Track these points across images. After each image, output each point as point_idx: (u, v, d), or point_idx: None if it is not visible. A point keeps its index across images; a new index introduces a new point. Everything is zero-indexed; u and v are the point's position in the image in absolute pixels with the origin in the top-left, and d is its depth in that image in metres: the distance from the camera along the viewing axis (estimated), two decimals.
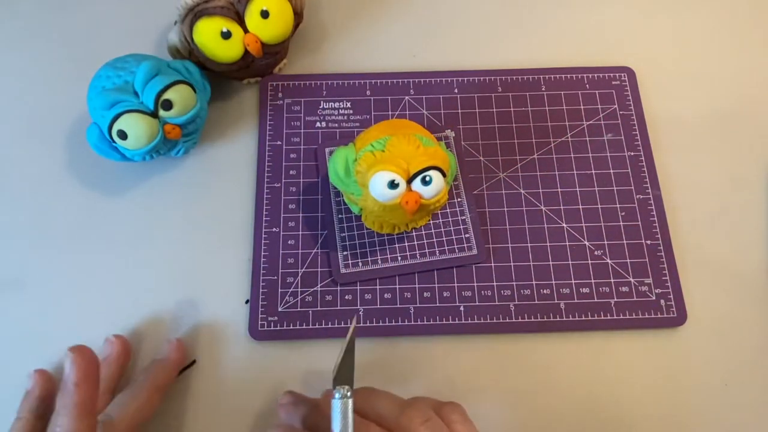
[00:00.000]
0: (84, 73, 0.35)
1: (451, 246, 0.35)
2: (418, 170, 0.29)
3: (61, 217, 0.36)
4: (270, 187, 0.36)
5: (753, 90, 0.40)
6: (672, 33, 0.41)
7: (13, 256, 0.35)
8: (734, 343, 0.33)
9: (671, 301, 0.34)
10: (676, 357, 0.33)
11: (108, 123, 0.32)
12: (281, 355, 0.33)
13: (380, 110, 0.38)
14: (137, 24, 0.41)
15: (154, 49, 0.40)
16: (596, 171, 0.37)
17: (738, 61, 0.40)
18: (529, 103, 0.38)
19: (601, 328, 0.33)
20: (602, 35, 0.41)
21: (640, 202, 0.36)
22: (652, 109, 0.39)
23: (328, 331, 0.33)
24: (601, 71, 0.39)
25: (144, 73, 0.32)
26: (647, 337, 0.33)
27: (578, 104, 0.38)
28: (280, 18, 0.35)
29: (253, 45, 0.35)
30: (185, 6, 0.33)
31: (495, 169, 0.37)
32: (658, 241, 0.35)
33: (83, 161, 0.37)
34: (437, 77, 0.39)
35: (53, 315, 0.33)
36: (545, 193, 0.36)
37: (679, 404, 0.32)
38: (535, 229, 0.35)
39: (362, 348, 0.33)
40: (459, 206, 0.36)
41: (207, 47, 0.34)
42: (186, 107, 0.33)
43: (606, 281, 0.34)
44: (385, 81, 0.39)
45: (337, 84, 0.39)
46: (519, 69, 0.39)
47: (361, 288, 0.34)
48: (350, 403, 0.24)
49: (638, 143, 0.37)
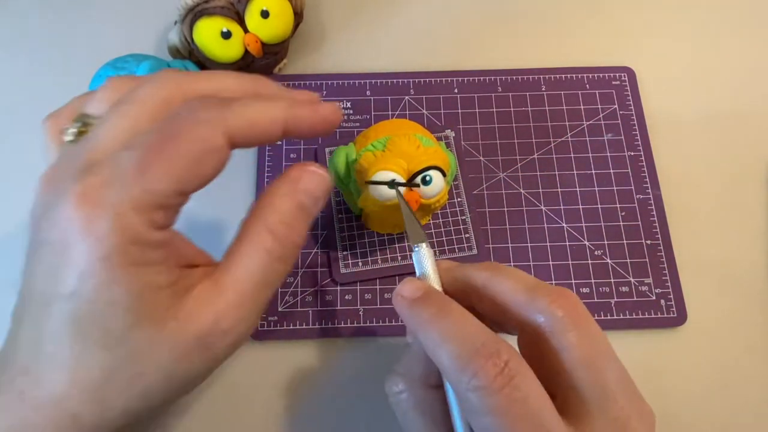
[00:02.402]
0: (84, 73, 0.35)
1: (451, 246, 0.35)
2: (418, 170, 0.29)
3: None
4: None
5: (753, 90, 0.40)
6: (672, 33, 0.41)
7: (13, 256, 0.35)
8: (734, 343, 0.33)
9: (671, 301, 0.34)
10: (676, 357, 0.33)
11: None
12: (281, 355, 0.33)
13: (380, 110, 0.38)
14: (137, 24, 0.41)
15: (154, 49, 0.40)
16: (596, 171, 0.37)
17: (738, 61, 0.40)
18: (529, 103, 0.38)
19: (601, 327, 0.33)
20: (602, 35, 0.41)
21: (640, 202, 0.36)
22: (652, 109, 0.39)
23: (328, 331, 0.33)
24: (601, 71, 0.39)
25: (144, 73, 0.32)
26: (647, 337, 0.33)
27: (578, 104, 0.38)
28: (280, 18, 0.35)
29: (253, 45, 0.35)
30: (185, 6, 0.33)
31: (495, 169, 0.37)
32: (658, 241, 0.35)
33: None
34: (437, 77, 0.39)
35: None
36: (545, 193, 0.36)
37: (678, 404, 0.32)
38: (535, 229, 0.35)
39: (362, 348, 0.33)
40: (459, 206, 0.36)
41: (207, 47, 0.34)
42: None
43: (606, 281, 0.34)
44: (385, 81, 0.39)
45: (337, 84, 0.39)
46: (519, 69, 0.39)
47: (361, 288, 0.34)
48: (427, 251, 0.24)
49: (638, 143, 0.37)
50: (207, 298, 0.21)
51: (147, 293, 0.20)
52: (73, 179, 0.19)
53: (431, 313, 0.21)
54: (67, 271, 0.19)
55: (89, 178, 0.19)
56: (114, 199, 0.19)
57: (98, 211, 0.19)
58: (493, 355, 0.19)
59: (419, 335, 0.21)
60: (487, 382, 0.19)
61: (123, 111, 0.21)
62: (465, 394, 0.20)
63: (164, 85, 0.21)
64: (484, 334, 0.20)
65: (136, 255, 0.19)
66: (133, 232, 0.19)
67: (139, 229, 0.19)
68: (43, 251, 0.20)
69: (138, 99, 0.21)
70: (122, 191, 0.19)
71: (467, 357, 0.20)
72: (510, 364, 0.19)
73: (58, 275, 0.19)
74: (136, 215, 0.19)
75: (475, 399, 0.19)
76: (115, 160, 0.19)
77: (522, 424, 0.19)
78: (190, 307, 0.20)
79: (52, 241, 0.20)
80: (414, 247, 0.24)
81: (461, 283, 0.24)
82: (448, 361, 0.20)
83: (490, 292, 0.23)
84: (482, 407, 0.19)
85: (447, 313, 0.21)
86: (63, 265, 0.19)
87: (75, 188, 0.19)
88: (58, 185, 0.20)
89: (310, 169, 0.23)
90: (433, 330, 0.21)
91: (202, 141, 0.20)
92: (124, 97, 0.22)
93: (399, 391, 0.23)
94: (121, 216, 0.19)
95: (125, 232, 0.19)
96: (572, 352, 0.21)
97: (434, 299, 0.22)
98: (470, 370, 0.19)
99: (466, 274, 0.23)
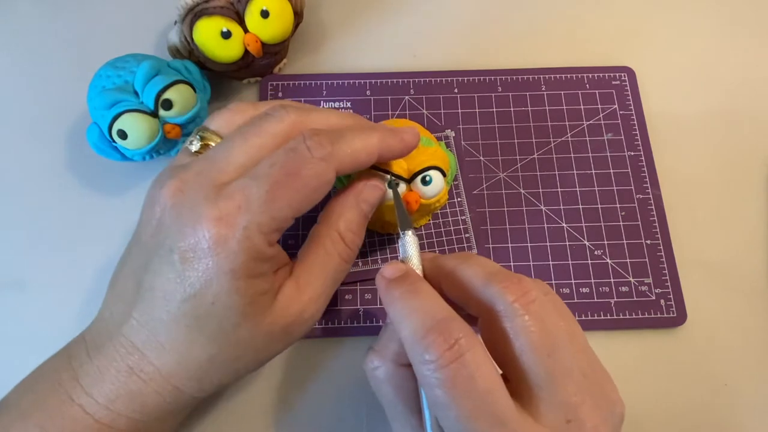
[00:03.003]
0: (84, 73, 0.35)
1: (451, 246, 0.35)
2: (417, 170, 0.29)
3: (61, 217, 0.36)
4: None
5: (753, 90, 0.40)
6: (672, 33, 0.41)
7: (13, 256, 0.35)
8: (734, 343, 0.33)
9: (671, 301, 0.34)
10: (675, 357, 0.33)
11: (108, 123, 0.32)
12: (281, 355, 0.33)
13: (380, 110, 0.38)
14: (137, 24, 0.41)
15: (154, 49, 0.40)
16: (596, 171, 0.37)
17: (738, 61, 0.40)
18: (529, 103, 0.38)
19: (601, 327, 0.33)
20: (602, 35, 0.41)
21: (640, 201, 0.36)
22: (652, 109, 0.39)
23: (328, 331, 0.33)
24: (601, 71, 0.39)
25: (144, 73, 0.32)
26: (647, 337, 0.33)
27: (578, 104, 0.38)
28: (280, 18, 0.35)
29: (253, 45, 0.35)
30: (185, 6, 0.33)
31: (495, 169, 0.37)
32: (658, 241, 0.35)
33: (83, 161, 0.37)
34: (437, 77, 0.39)
35: (53, 315, 0.33)
36: (545, 193, 0.36)
37: (678, 404, 0.32)
38: (535, 229, 0.35)
39: (362, 347, 0.33)
40: (459, 206, 0.36)
41: (207, 47, 0.34)
42: (186, 107, 0.33)
43: (606, 281, 0.34)
44: (385, 81, 0.39)
45: (337, 84, 0.39)
46: (519, 69, 0.39)
47: (361, 288, 0.34)
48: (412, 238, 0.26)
49: (638, 143, 0.37)
50: (292, 296, 0.25)
51: (256, 298, 0.24)
52: (208, 200, 0.23)
53: (402, 291, 0.23)
54: (194, 278, 0.23)
55: (224, 202, 0.23)
56: (245, 223, 0.23)
57: (231, 232, 0.22)
58: (445, 332, 0.20)
59: (389, 311, 0.23)
60: (437, 357, 0.20)
61: (250, 141, 0.25)
62: (419, 367, 0.21)
63: (286, 120, 0.25)
64: (443, 313, 0.22)
65: (255, 269, 0.23)
66: (256, 250, 0.23)
67: (261, 248, 0.23)
68: (169, 256, 0.23)
69: (263, 131, 0.25)
70: (252, 217, 0.23)
71: (423, 332, 0.21)
72: (461, 342, 0.20)
73: (184, 279, 0.23)
74: (260, 236, 0.23)
75: (426, 372, 0.20)
76: (246, 189, 0.23)
77: (467, 400, 0.20)
78: (281, 305, 0.25)
79: (182, 249, 0.23)
80: (401, 234, 0.26)
81: (437, 270, 0.25)
82: (407, 334, 0.22)
83: (457, 278, 0.24)
84: (432, 381, 0.20)
85: (415, 292, 0.23)
86: (190, 271, 0.23)
87: (212, 211, 0.23)
88: (190, 199, 0.23)
89: (371, 183, 0.27)
90: (400, 306, 0.23)
91: (317, 177, 0.24)
92: (251, 126, 0.25)
93: (374, 367, 0.25)
94: (249, 238, 0.23)
95: (250, 250, 0.23)
96: (521, 336, 0.21)
97: (408, 280, 0.24)
98: (424, 344, 0.21)
99: (441, 262, 0.25)
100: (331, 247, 0.26)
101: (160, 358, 0.24)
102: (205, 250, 0.22)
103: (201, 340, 0.23)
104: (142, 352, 0.24)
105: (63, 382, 0.24)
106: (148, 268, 0.24)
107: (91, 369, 0.24)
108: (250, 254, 0.23)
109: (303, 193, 0.24)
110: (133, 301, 0.24)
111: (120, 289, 0.25)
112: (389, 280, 0.24)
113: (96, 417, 0.24)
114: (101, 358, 0.24)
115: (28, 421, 0.24)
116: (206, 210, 0.23)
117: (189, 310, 0.23)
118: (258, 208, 0.23)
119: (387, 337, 0.25)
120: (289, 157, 0.24)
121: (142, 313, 0.24)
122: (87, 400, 0.24)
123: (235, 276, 0.23)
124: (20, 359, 0.27)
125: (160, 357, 0.24)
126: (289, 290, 0.25)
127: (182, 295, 0.23)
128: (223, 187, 0.23)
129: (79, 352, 0.25)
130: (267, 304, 0.24)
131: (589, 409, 0.21)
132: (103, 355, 0.24)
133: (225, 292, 0.23)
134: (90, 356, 0.25)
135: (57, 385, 0.24)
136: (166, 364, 0.24)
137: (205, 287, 0.23)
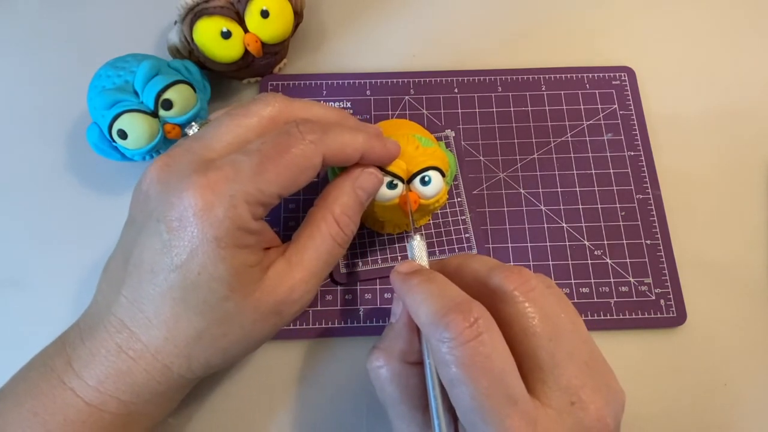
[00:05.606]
0: (84, 73, 0.35)
1: (451, 246, 0.35)
2: (417, 171, 0.29)
3: (61, 216, 0.36)
4: None
5: (753, 90, 0.40)
6: (672, 33, 0.41)
7: (13, 255, 0.35)
8: (734, 343, 0.33)
9: (671, 301, 0.34)
10: (675, 357, 0.33)
11: (108, 123, 0.32)
12: (281, 355, 0.33)
13: (380, 110, 0.38)
14: (137, 24, 0.41)
15: (154, 49, 0.40)
16: (596, 171, 0.37)
17: (738, 61, 0.40)
18: (529, 103, 0.38)
19: (601, 327, 0.33)
20: (602, 35, 0.41)
21: (640, 202, 0.36)
22: (652, 109, 0.39)
23: (328, 330, 0.33)
24: (601, 71, 0.39)
25: (144, 73, 0.32)
26: (647, 337, 0.33)
27: (578, 104, 0.38)
28: (280, 18, 0.35)
29: (253, 45, 0.35)
30: (185, 6, 0.33)
31: (495, 169, 0.37)
32: (658, 241, 0.35)
33: (83, 161, 0.37)
34: (437, 77, 0.39)
35: (53, 315, 0.33)
36: (545, 193, 0.36)
37: (678, 404, 0.32)
38: (535, 229, 0.35)
39: (362, 347, 0.33)
40: (459, 206, 0.36)
41: (207, 47, 0.34)
42: (186, 107, 0.33)
43: (606, 281, 0.34)
44: (385, 81, 0.39)
45: (337, 84, 0.39)
46: (519, 69, 0.39)
47: (361, 288, 0.34)
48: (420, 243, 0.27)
49: (638, 143, 0.37)
50: (283, 273, 0.25)
51: (242, 270, 0.24)
52: (195, 171, 0.23)
53: (420, 279, 0.24)
54: (180, 247, 0.23)
55: (212, 172, 0.23)
56: (232, 192, 0.23)
57: (218, 199, 0.23)
58: (465, 311, 0.21)
59: (406, 300, 0.24)
60: (456, 334, 0.21)
61: (237, 120, 0.25)
62: (437, 345, 0.21)
63: (273, 104, 0.26)
64: (461, 296, 0.22)
65: (240, 239, 0.23)
66: (241, 220, 0.23)
67: (245, 218, 0.23)
68: (156, 227, 0.23)
69: (251, 113, 0.26)
70: (239, 186, 0.23)
71: (442, 312, 0.21)
72: (480, 322, 0.21)
73: (171, 249, 0.23)
74: (245, 207, 0.23)
75: (444, 349, 0.21)
76: (235, 161, 0.24)
77: (483, 377, 0.20)
78: (270, 282, 0.25)
79: (168, 219, 0.23)
80: (411, 239, 0.27)
81: (442, 270, 0.26)
82: (425, 316, 0.22)
83: (462, 273, 0.25)
84: (450, 358, 0.21)
85: (432, 279, 0.24)
86: (176, 240, 0.23)
87: (199, 179, 0.23)
88: (178, 171, 0.24)
89: (368, 170, 0.28)
90: (419, 291, 0.23)
91: (306, 158, 0.25)
92: (239, 108, 0.26)
93: (379, 366, 0.25)
94: (234, 206, 0.23)
95: (235, 219, 0.23)
96: (522, 320, 0.22)
97: (424, 271, 0.25)
98: (444, 322, 0.21)
99: (445, 261, 0.26)
100: (325, 230, 0.26)
101: (147, 333, 0.24)
102: (191, 219, 0.23)
103: (188, 314, 0.24)
104: (131, 329, 0.24)
105: (56, 368, 0.24)
106: (136, 242, 0.24)
107: (83, 352, 0.24)
108: (236, 222, 0.23)
109: (291, 171, 0.24)
110: (122, 278, 0.24)
111: (111, 271, 0.26)
112: (405, 273, 0.25)
113: (86, 400, 0.24)
114: (92, 340, 0.24)
115: (22, 408, 0.24)
116: (195, 178, 0.23)
117: (176, 281, 0.23)
118: (246, 178, 0.23)
119: (393, 336, 0.25)
120: (282, 137, 0.25)
121: (130, 289, 0.24)
122: (78, 383, 0.24)
123: (220, 244, 0.23)
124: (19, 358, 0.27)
125: (147, 332, 0.24)
126: (280, 267, 0.25)
127: (169, 266, 0.23)
128: (212, 161, 0.24)
129: (73, 338, 0.25)
130: (255, 278, 0.24)
131: (591, 391, 0.22)
132: (94, 337, 0.24)
133: (210, 261, 0.23)
134: (83, 339, 0.25)
135: (50, 371, 0.24)
136: (153, 340, 0.24)
137: (191, 256, 0.23)
